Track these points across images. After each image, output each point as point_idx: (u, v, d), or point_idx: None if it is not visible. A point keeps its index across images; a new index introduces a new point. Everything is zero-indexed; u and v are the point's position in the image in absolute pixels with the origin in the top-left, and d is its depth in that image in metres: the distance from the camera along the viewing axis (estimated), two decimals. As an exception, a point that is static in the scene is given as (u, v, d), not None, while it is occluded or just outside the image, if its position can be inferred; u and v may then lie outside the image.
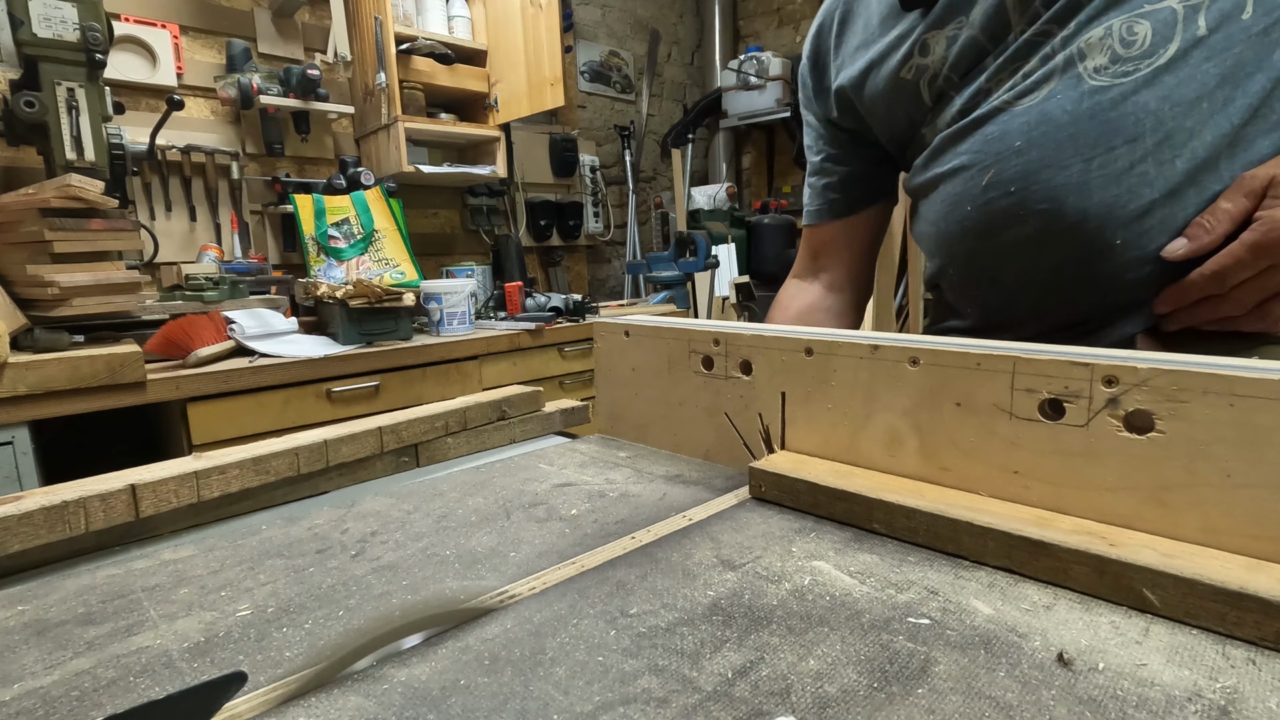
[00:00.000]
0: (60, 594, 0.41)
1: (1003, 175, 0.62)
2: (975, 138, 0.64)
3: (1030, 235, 0.61)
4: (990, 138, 0.63)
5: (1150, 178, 0.56)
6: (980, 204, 0.64)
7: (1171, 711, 0.28)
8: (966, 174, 0.65)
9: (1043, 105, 0.59)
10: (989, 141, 0.63)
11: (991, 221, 0.64)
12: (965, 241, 0.68)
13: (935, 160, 0.70)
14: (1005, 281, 0.67)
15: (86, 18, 1.39)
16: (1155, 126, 0.55)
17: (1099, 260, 0.59)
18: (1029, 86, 0.61)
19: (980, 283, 0.70)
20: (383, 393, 1.72)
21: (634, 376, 0.69)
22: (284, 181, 2.15)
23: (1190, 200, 0.55)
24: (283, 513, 0.55)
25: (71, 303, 1.29)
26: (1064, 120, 0.58)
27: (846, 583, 0.39)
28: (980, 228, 0.65)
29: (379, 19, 2.13)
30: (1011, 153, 0.61)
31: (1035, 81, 0.60)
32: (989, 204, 0.63)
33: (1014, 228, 0.62)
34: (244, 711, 0.29)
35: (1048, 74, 0.59)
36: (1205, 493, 0.36)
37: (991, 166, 0.62)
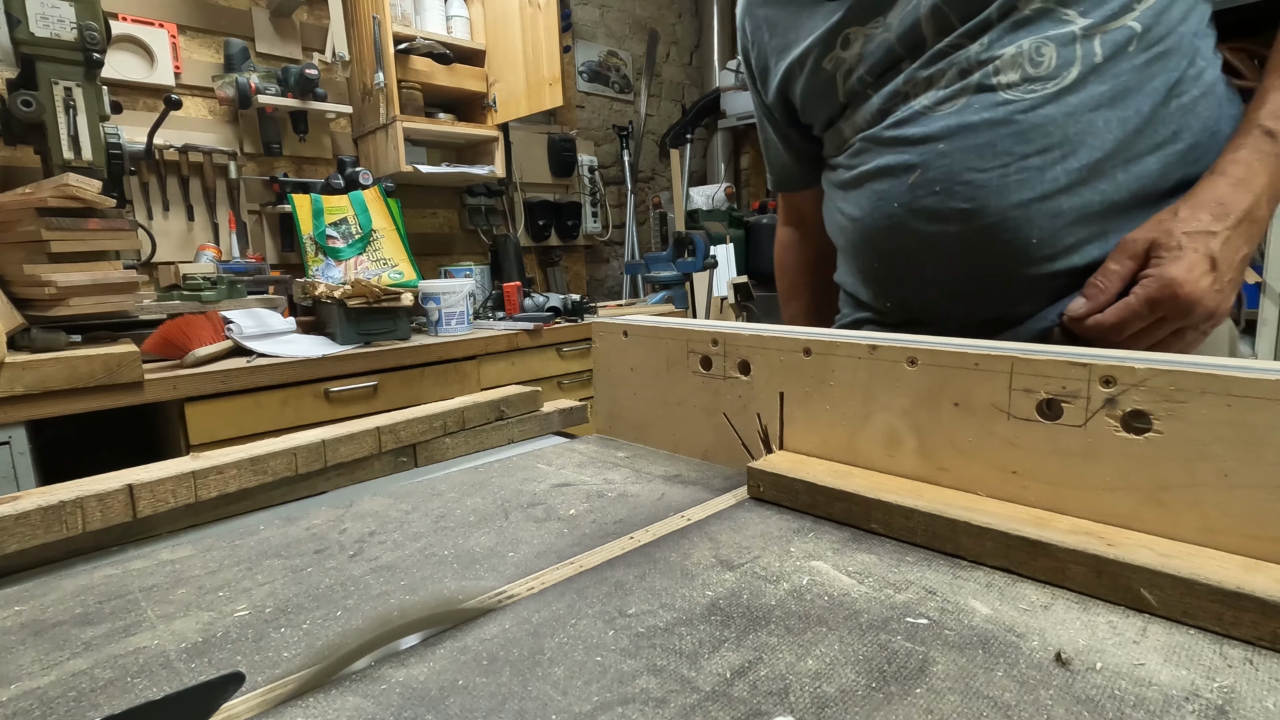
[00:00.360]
0: (57, 594, 0.41)
1: (928, 175, 0.67)
2: (900, 139, 0.69)
3: (954, 233, 0.66)
4: (915, 140, 0.68)
5: (1060, 182, 0.62)
6: (906, 201, 0.69)
7: (1169, 711, 0.28)
8: (893, 173, 0.70)
9: (962, 113, 0.65)
10: (914, 144, 0.68)
11: (917, 219, 0.68)
12: (891, 237, 0.72)
13: (860, 157, 0.74)
14: (927, 276, 0.71)
15: (84, 17, 1.39)
16: (1062, 138, 0.62)
17: (1017, 256, 0.65)
18: (948, 95, 0.66)
19: (904, 278, 0.74)
20: (381, 393, 1.72)
21: (632, 376, 0.69)
22: (282, 181, 2.15)
23: (1092, 197, 0.63)
24: (281, 513, 0.55)
25: (69, 302, 1.28)
26: (983, 127, 0.64)
27: (845, 583, 0.39)
28: (906, 224, 0.69)
29: (377, 18, 2.13)
30: (936, 155, 0.66)
31: (953, 92, 0.66)
32: (915, 201, 0.68)
33: (938, 225, 0.67)
34: (242, 712, 0.29)
35: (964, 86, 0.65)
36: (1203, 493, 0.36)
37: (917, 167, 0.67)
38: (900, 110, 0.69)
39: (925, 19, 0.66)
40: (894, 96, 0.70)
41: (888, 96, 0.70)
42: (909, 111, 0.68)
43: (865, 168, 0.73)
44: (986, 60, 0.64)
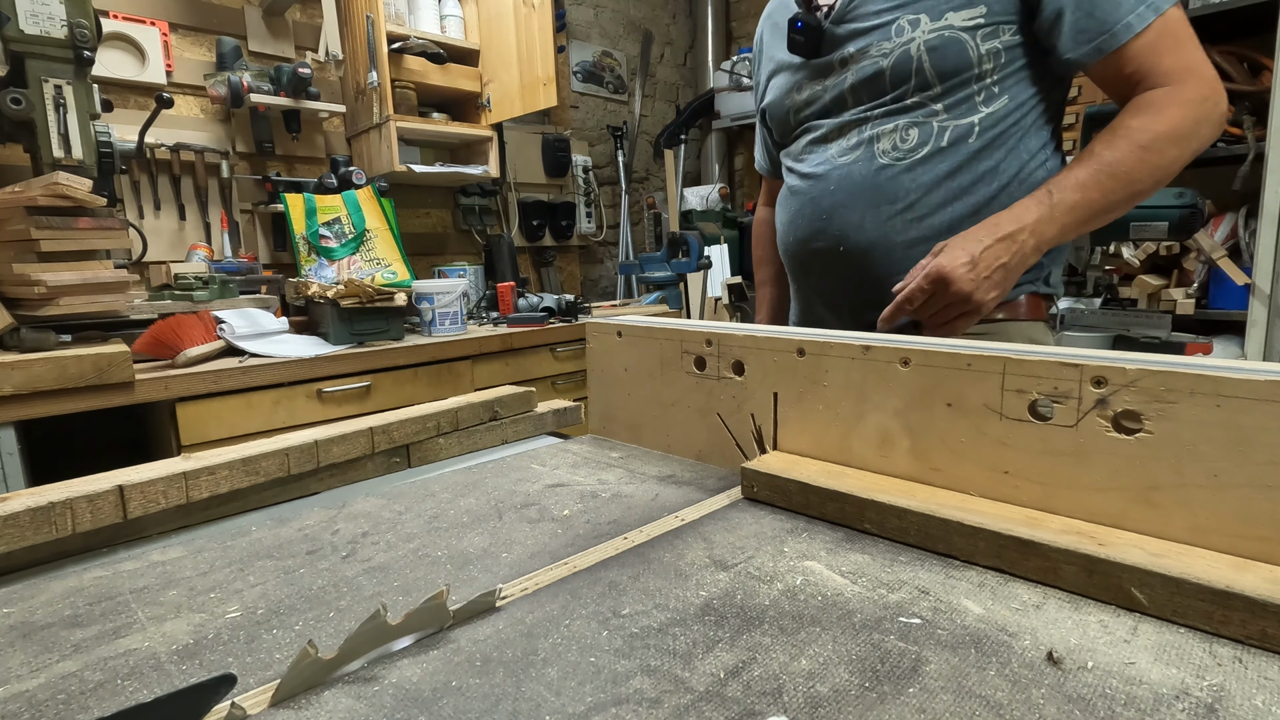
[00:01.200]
0: (47, 596, 0.41)
1: (820, 206, 0.93)
2: (812, 178, 0.95)
3: (832, 250, 0.92)
4: (819, 178, 0.94)
5: (899, 229, 0.87)
6: (808, 219, 0.95)
7: (1159, 709, 0.28)
8: (804, 197, 0.96)
9: (850, 166, 0.90)
10: (818, 181, 0.94)
11: (813, 236, 0.95)
12: (798, 244, 0.98)
13: (790, 177, 1.01)
14: (814, 280, 0.99)
15: (74, 14, 1.38)
16: (904, 196, 0.86)
17: (869, 275, 0.89)
18: (847, 148, 0.91)
19: (804, 277, 1.01)
20: (374, 393, 1.71)
21: (626, 377, 0.69)
22: (274, 180, 2.13)
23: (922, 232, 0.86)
24: (273, 514, 0.54)
25: (59, 302, 1.27)
26: (859, 180, 0.89)
27: (838, 583, 0.39)
28: (805, 238, 0.96)
29: (371, 17, 2.12)
30: (827, 193, 0.92)
31: (850, 147, 0.91)
32: (812, 223, 0.94)
33: (823, 244, 0.93)
34: (234, 714, 0.29)
35: (858, 143, 0.90)
36: (1193, 492, 0.37)
37: (817, 199, 0.93)
38: (818, 152, 0.95)
39: (848, 92, 0.91)
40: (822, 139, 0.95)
41: (817, 138, 0.96)
42: (823, 157, 0.94)
43: (793, 184, 0.99)
44: (877, 131, 0.89)
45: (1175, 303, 2.22)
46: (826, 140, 0.94)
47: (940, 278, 0.72)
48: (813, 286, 1.00)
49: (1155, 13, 0.74)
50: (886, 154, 0.87)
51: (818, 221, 0.93)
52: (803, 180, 0.97)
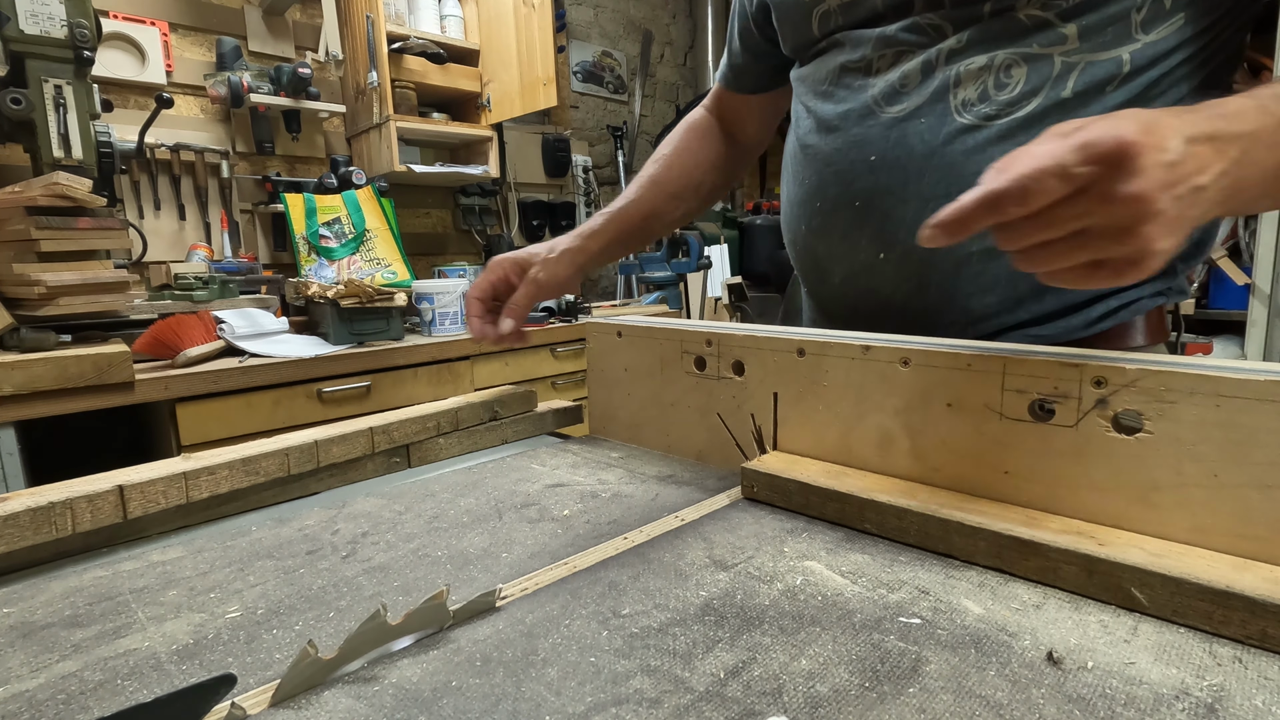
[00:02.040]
0: (46, 596, 0.41)
1: (852, 188, 0.61)
2: (840, 134, 0.62)
3: (866, 262, 0.62)
4: (854, 141, 0.61)
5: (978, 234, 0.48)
6: (829, 204, 0.64)
7: (1159, 709, 0.28)
8: (824, 165, 0.64)
9: (905, 126, 0.58)
10: (852, 145, 0.62)
11: (830, 229, 0.65)
12: (812, 237, 0.67)
13: (804, 120, 0.68)
14: (838, 298, 0.68)
15: (74, 14, 1.38)
16: None
17: (912, 294, 0.60)
18: (902, 90, 0.59)
19: (820, 286, 0.70)
20: (374, 393, 1.71)
21: (626, 377, 0.69)
22: (274, 180, 2.13)
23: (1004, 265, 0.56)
24: (273, 514, 0.54)
25: (58, 302, 1.27)
26: (920, 152, 0.57)
27: (838, 583, 0.39)
28: (823, 229, 0.65)
29: (371, 17, 2.12)
30: (866, 168, 0.60)
31: (910, 88, 0.58)
32: (834, 213, 0.64)
33: (851, 247, 0.63)
34: (234, 714, 0.29)
35: (922, 86, 0.58)
36: (1193, 492, 0.37)
37: (845, 172, 0.62)
38: (853, 88, 0.62)
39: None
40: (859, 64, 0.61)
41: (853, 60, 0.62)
42: (859, 101, 0.61)
43: (803, 129, 0.67)
44: (956, 70, 0.56)
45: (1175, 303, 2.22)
46: (868, 71, 0.61)
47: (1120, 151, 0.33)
48: (837, 305, 0.68)
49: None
50: (969, 108, 0.55)
51: (844, 210, 0.62)
52: (825, 134, 0.64)
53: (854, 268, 0.64)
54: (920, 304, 0.61)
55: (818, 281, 0.70)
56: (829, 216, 0.64)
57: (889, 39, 0.60)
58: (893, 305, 0.62)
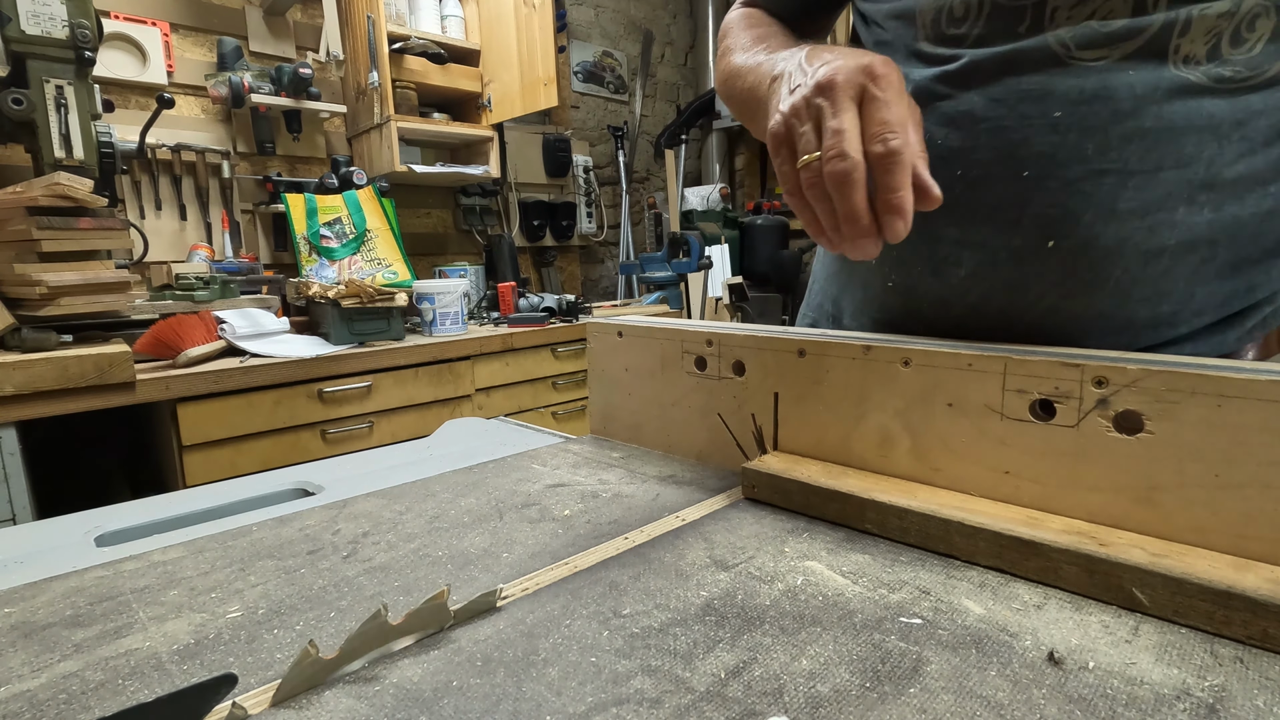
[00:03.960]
0: (48, 596, 0.41)
1: (1020, 152, 0.47)
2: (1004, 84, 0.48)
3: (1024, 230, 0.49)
4: (1027, 93, 0.47)
5: (1177, 222, 0.45)
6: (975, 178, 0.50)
7: (1160, 709, 0.28)
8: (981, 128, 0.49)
9: (1107, 74, 0.44)
10: (1023, 97, 0.47)
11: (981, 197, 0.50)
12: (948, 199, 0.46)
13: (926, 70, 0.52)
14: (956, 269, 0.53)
15: (75, 15, 1.38)
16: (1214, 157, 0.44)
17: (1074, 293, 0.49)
18: (1102, 38, 0.45)
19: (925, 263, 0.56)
20: (375, 393, 1.71)
21: (627, 377, 0.69)
22: (275, 180, 2.14)
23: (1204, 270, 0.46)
24: (274, 513, 0.55)
25: (59, 302, 1.27)
26: (1125, 106, 0.44)
27: (839, 583, 0.39)
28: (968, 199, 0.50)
29: (371, 18, 2.12)
30: (1046, 127, 0.46)
31: (1113, 35, 0.44)
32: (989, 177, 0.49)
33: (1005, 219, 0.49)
34: (235, 714, 0.29)
35: (1130, 32, 0.44)
36: (1194, 492, 0.37)
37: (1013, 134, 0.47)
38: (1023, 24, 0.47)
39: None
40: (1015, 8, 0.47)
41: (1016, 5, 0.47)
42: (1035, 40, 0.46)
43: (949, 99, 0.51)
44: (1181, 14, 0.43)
45: None
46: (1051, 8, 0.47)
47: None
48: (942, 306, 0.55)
49: None
50: (1192, 65, 0.43)
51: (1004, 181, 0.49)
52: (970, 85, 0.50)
53: (998, 258, 0.50)
54: (1080, 308, 0.49)
55: (926, 275, 0.55)
56: (975, 190, 0.50)
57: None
58: (1037, 309, 0.50)
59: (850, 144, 0.39)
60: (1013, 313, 0.52)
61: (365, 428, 1.71)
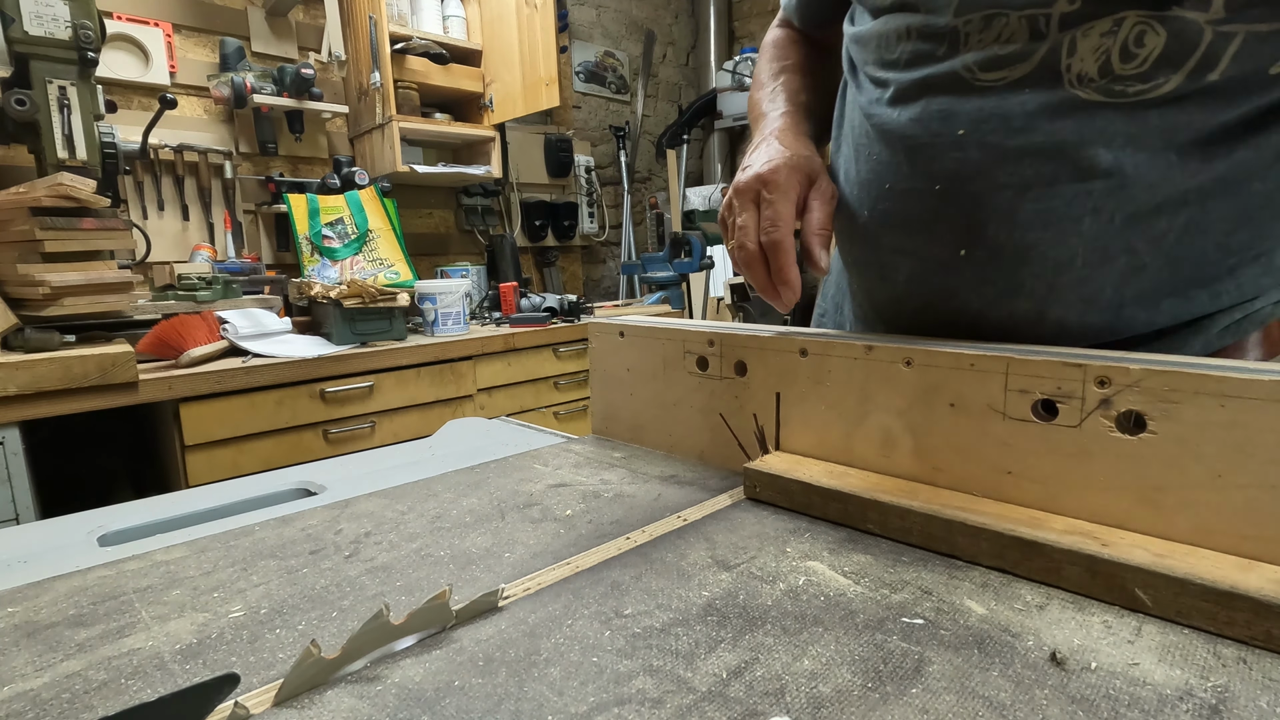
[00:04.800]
0: (51, 595, 0.41)
1: (932, 167, 0.51)
2: (921, 104, 0.52)
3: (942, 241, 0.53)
4: (938, 113, 0.51)
5: (1084, 231, 0.47)
6: (900, 190, 0.54)
7: (1163, 710, 0.28)
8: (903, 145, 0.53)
9: (1005, 97, 0.48)
10: (934, 116, 0.51)
11: (906, 216, 0.55)
12: (879, 210, 0.57)
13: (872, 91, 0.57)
14: (897, 276, 0.58)
15: (78, 15, 1.38)
16: (1112, 171, 0.45)
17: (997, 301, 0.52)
18: (1001, 60, 0.48)
19: (873, 269, 0.61)
20: (377, 393, 1.72)
21: (629, 377, 0.69)
22: (278, 181, 2.14)
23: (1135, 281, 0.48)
24: (276, 513, 0.55)
25: (62, 302, 1.28)
26: (1017, 124, 0.47)
27: (841, 583, 0.39)
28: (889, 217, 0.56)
29: (373, 18, 2.12)
30: (951, 144, 0.50)
31: (1010, 57, 0.48)
32: (906, 195, 0.54)
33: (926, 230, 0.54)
34: (237, 713, 0.29)
35: (1024, 54, 0.47)
36: (1197, 493, 0.37)
37: (926, 150, 0.52)
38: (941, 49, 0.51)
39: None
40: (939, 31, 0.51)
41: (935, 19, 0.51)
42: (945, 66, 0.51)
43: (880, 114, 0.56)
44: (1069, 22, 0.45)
45: None
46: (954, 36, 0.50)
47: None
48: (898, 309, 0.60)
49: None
50: (1086, 83, 0.45)
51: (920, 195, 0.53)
52: (899, 105, 0.54)
53: (927, 265, 0.55)
54: (1005, 313, 0.52)
55: (877, 280, 0.60)
56: (900, 201, 0.54)
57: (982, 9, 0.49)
58: (968, 313, 0.54)
59: (748, 237, 0.53)
60: (951, 316, 0.56)
61: (367, 428, 1.71)
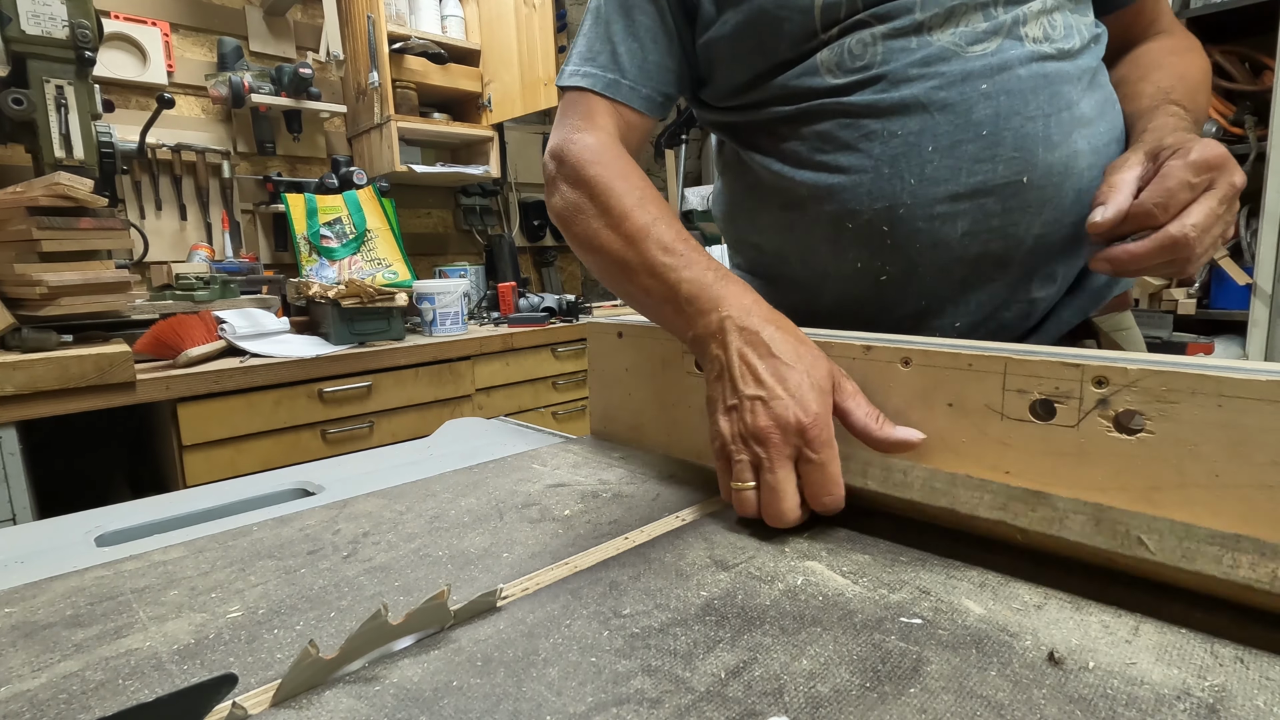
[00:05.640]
0: (48, 595, 0.41)
1: (971, 117, 0.58)
2: (930, 75, 0.59)
3: (997, 186, 0.59)
4: (951, 78, 0.59)
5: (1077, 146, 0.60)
6: (945, 146, 0.59)
7: (1160, 710, 0.28)
8: (925, 114, 0.59)
9: (999, 55, 0.59)
10: (951, 82, 0.59)
11: (957, 168, 0.59)
12: (919, 189, 0.60)
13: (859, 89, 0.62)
14: (949, 242, 0.61)
15: (76, 15, 1.38)
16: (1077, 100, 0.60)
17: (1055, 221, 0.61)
18: (978, 35, 0.59)
19: (915, 246, 0.62)
20: (375, 393, 1.71)
21: (627, 377, 0.69)
22: (276, 180, 2.14)
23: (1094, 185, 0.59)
24: (274, 513, 0.55)
25: (60, 302, 1.28)
26: (1024, 74, 0.58)
27: (839, 582, 0.39)
28: (940, 173, 0.59)
29: (372, 18, 2.12)
30: (979, 96, 0.58)
31: (984, 32, 0.59)
32: (955, 148, 0.59)
33: (981, 176, 0.59)
34: (235, 714, 0.29)
35: (996, 28, 0.59)
36: (1194, 493, 0.37)
37: (958, 106, 0.59)
38: (909, 48, 0.60)
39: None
40: (906, 32, 0.60)
41: (901, 29, 0.60)
42: (935, 47, 0.59)
43: (886, 98, 0.60)
44: (1021, 12, 0.59)
45: (1177, 303, 2.22)
46: (927, 29, 0.60)
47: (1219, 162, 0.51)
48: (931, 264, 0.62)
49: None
50: (1042, 43, 0.59)
51: (973, 144, 0.58)
52: (902, 85, 0.60)
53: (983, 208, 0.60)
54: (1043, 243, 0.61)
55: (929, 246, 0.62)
56: (949, 155, 0.59)
57: (928, 4, 0.60)
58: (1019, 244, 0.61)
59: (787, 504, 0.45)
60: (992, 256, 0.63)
61: (365, 428, 1.71)
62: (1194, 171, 0.51)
